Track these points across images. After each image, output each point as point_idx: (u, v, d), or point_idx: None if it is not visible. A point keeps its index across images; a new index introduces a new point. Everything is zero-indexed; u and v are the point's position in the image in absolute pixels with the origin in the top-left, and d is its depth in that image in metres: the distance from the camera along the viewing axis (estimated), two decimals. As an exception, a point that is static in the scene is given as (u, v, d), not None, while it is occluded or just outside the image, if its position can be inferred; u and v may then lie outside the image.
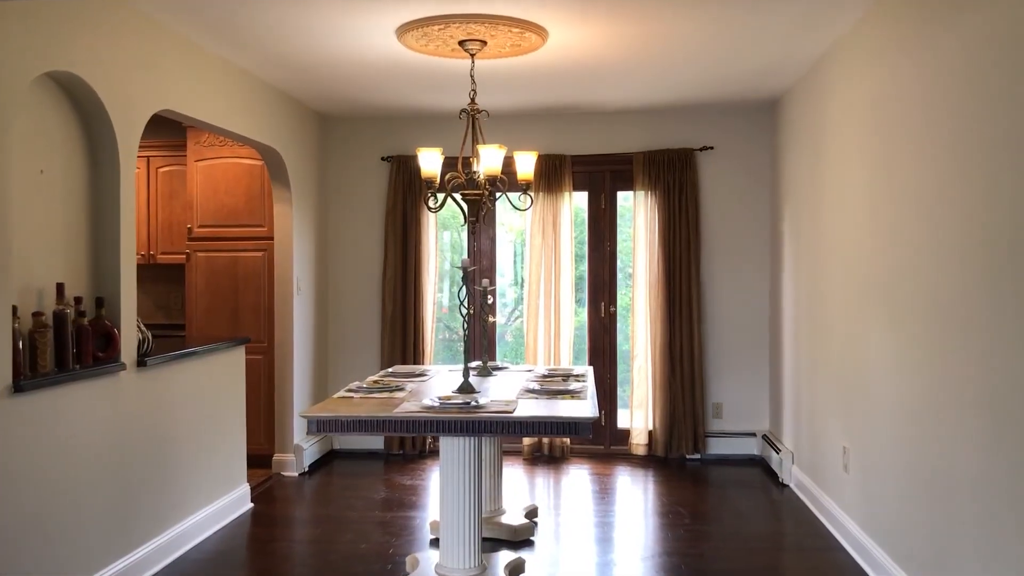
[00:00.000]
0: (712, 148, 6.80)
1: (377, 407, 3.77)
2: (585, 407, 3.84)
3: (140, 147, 6.86)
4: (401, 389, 4.27)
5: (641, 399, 6.81)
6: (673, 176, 6.73)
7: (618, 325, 7.01)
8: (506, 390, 4.31)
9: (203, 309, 6.50)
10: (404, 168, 6.78)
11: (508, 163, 4.76)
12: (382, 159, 6.90)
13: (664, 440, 6.75)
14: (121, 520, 4.02)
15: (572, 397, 4.04)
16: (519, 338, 7.40)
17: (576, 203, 7.09)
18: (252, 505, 5.43)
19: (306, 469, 6.34)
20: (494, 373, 4.94)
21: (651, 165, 6.75)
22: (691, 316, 6.72)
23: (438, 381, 4.70)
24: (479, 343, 6.48)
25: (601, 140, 6.89)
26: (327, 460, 6.72)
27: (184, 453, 4.62)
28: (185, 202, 6.63)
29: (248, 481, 5.48)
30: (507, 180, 4.66)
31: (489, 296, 5.12)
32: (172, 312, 7.16)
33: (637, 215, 6.81)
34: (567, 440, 6.87)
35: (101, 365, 3.82)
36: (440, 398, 3.84)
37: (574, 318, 6.91)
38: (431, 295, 6.95)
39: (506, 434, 3.67)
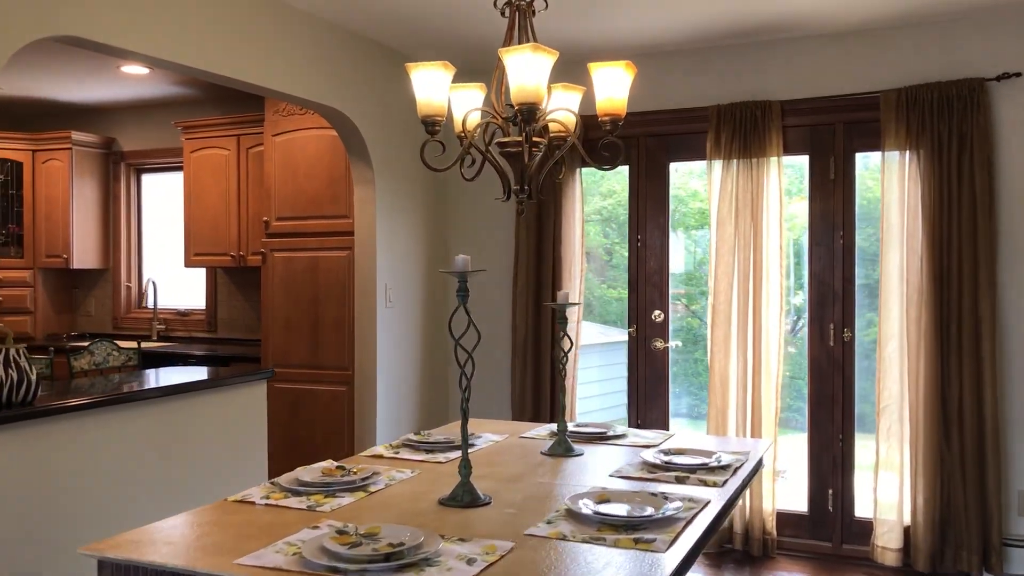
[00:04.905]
0: (1019, 75, 4.15)
1: (232, 538, 1.96)
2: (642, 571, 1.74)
3: (223, 122, 5.51)
4: (363, 491, 2.41)
5: (892, 477, 4.34)
6: (948, 124, 4.19)
7: (856, 360, 4.57)
8: (548, 496, 2.30)
9: (281, 324, 5.07)
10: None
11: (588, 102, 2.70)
12: (515, 124, 5.04)
13: (930, 545, 4.23)
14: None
15: (637, 544, 1.94)
16: (693, 371, 5.17)
17: (789, 173, 4.75)
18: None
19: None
20: (575, 451, 2.91)
21: (911, 108, 4.26)
22: (978, 349, 4.15)
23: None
24: (556, 393, 4.41)
25: (828, 75, 4.50)
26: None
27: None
28: (263, 189, 5.25)
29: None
30: (573, 129, 2.62)
31: (568, 317, 3.09)
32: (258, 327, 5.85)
33: (887, 189, 4.34)
34: (772, 530, 4.57)
35: None
36: (364, 534, 1.93)
37: (784, 347, 4.59)
38: (575, 309, 4.97)
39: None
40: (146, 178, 6.60)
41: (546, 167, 2.67)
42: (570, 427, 3.24)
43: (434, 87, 2.52)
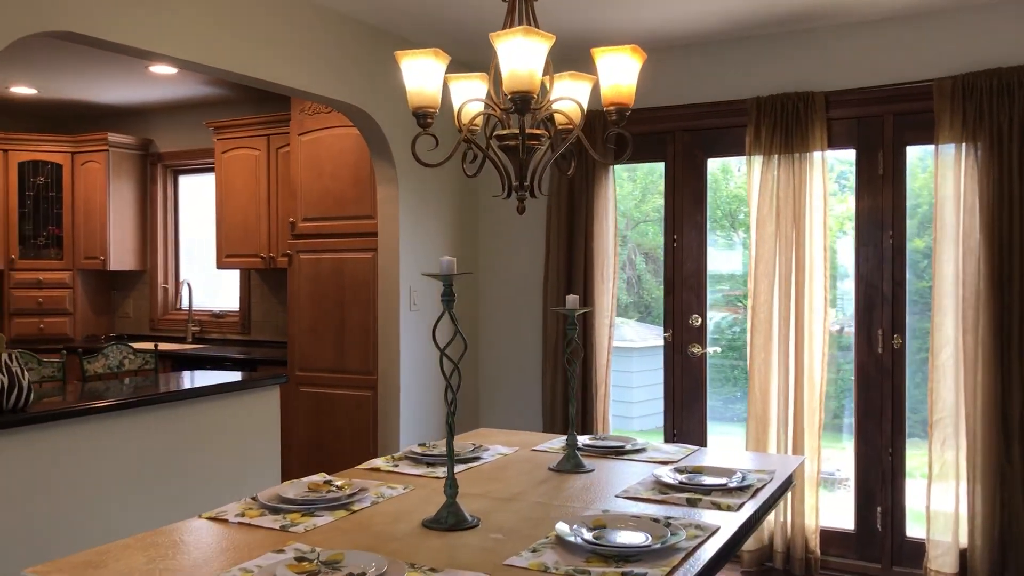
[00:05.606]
0: (1089, 59, 3.82)
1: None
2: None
3: (253, 122, 5.43)
4: (345, 509, 2.25)
5: (947, 494, 4.02)
6: (1009, 114, 3.86)
7: (907, 368, 4.26)
8: (542, 518, 2.11)
9: (307, 327, 4.97)
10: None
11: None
12: (546, 120, 4.85)
13: (989, 569, 3.91)
14: None
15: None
16: (732, 378, 4.91)
17: (833, 169, 4.47)
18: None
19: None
20: (585, 467, 2.70)
21: (967, 97, 3.94)
22: (1042, 359, 3.82)
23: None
24: (568, 403, 4.18)
25: (875, 63, 4.21)
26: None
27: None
28: (289, 189, 5.16)
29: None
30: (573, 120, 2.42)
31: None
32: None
33: (941, 185, 4.03)
34: (816, 548, 4.29)
35: None
36: (325, 561, 1.78)
37: (828, 352, 4.30)
38: (608, 312, 4.76)
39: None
40: (183, 180, 6.60)
41: (545, 161, 2.47)
42: (585, 440, 3.04)
43: (425, 76, 2.36)
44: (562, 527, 1.99)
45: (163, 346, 5.80)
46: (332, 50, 4.04)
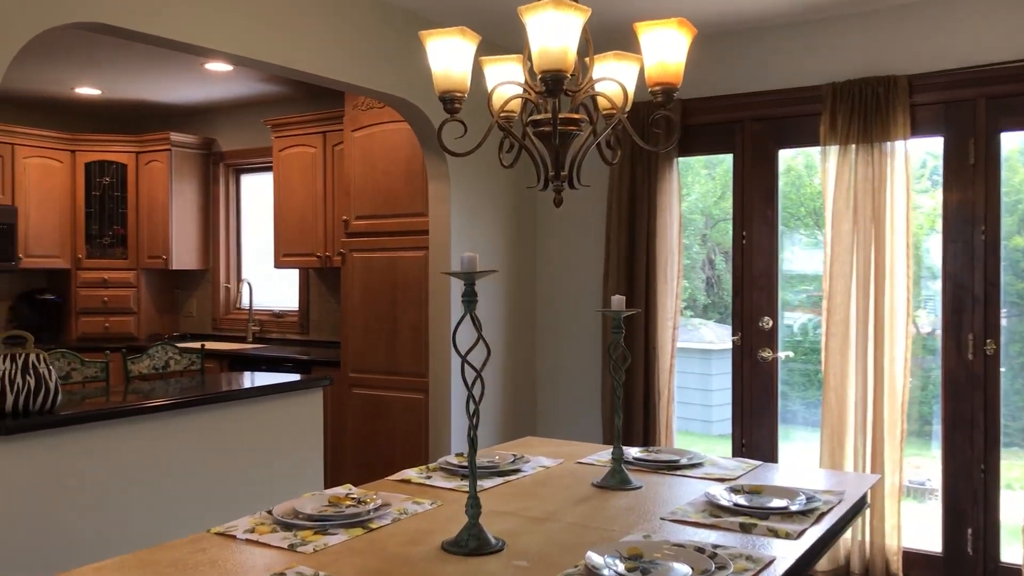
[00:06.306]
0: None
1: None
2: None
3: (310, 119, 5.33)
4: (363, 527, 2.07)
5: (1046, 517, 3.64)
6: (1119, 94, 3.46)
7: (1002, 376, 3.88)
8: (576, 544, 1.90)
9: (359, 328, 4.85)
10: (633, 116, 4.41)
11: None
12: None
13: (1096, 602, 3.52)
14: None
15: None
16: (817, 382, 4.58)
17: (916, 157, 4.12)
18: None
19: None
20: (631, 483, 2.47)
21: (1070, 77, 3.55)
22: None
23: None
24: (611, 411, 3.91)
25: (965, 42, 3.84)
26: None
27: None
28: (343, 186, 5.05)
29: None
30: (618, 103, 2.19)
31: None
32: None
33: (1041, 174, 3.65)
34: (899, 571, 3.95)
35: None
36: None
37: (911, 360, 3.96)
38: (671, 314, 4.50)
39: None
40: (245, 179, 6.58)
41: (585, 149, 2.25)
42: (635, 453, 2.81)
43: (452, 58, 2.17)
44: (594, 557, 1.77)
45: (219, 346, 5.78)
46: (380, 41, 3.90)
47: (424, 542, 1.96)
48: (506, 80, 2.25)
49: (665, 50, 2.12)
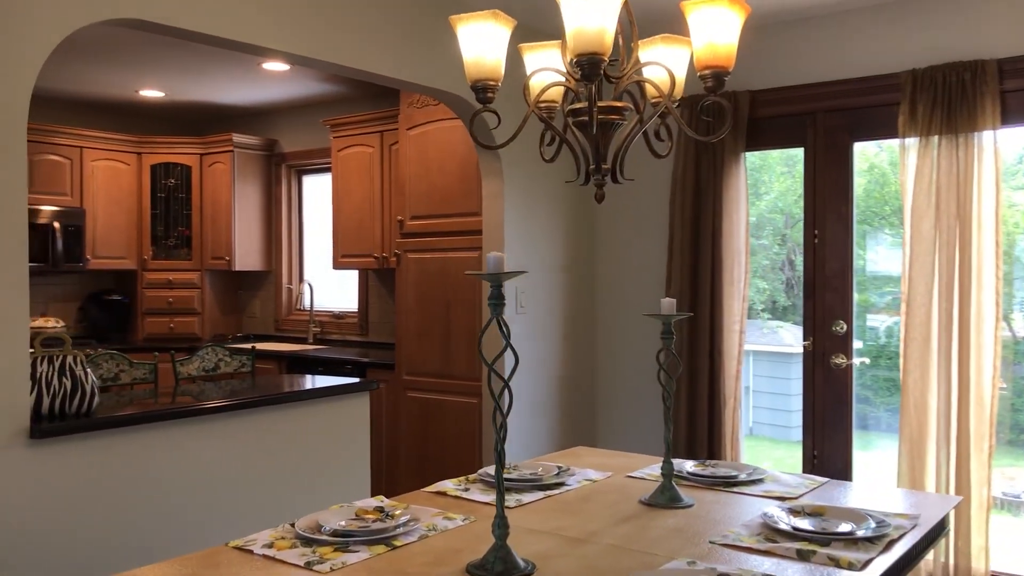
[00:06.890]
0: None
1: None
2: None
3: (367, 119, 5.26)
4: (386, 544, 1.94)
5: None
6: None
7: (1103, 387, 3.54)
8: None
9: (414, 330, 4.75)
10: (691, 107, 4.19)
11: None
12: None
13: None
14: None
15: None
16: (889, 387, 4.27)
17: (1012, 151, 3.80)
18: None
19: None
20: (682, 501, 2.28)
21: None
22: None
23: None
24: (668, 421, 3.66)
25: (1064, 23, 3.52)
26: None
27: None
28: (398, 185, 4.96)
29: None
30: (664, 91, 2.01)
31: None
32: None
33: None
34: (985, 597, 3.65)
35: None
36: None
37: (1003, 366, 3.64)
38: (737, 317, 4.26)
39: None
40: (307, 179, 6.57)
41: (630, 139, 2.07)
42: (690, 468, 2.62)
43: (484, 43, 2.02)
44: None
45: (275, 346, 5.77)
46: (429, 33, 3.78)
47: (450, 562, 1.82)
48: (543, 67, 2.10)
49: (715, 30, 1.93)
